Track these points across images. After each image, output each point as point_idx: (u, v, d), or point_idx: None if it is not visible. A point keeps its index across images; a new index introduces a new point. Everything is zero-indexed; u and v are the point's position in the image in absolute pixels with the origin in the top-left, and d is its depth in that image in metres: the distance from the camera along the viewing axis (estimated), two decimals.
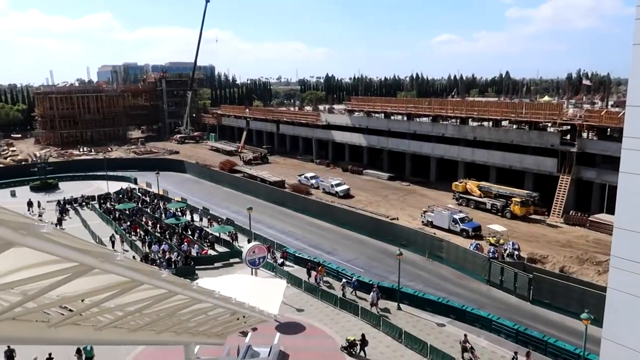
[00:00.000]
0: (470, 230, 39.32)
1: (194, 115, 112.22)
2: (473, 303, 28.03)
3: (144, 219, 45.39)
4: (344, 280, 30.04)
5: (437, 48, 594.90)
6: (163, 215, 47.30)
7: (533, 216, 44.28)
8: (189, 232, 41.86)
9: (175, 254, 35.72)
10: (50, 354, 20.54)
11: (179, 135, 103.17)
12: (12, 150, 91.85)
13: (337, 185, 55.46)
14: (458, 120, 58.93)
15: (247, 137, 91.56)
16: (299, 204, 50.00)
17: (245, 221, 41.44)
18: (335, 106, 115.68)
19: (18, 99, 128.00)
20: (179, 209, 48.84)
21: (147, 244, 39.19)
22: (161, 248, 37.12)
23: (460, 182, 50.23)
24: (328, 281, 31.57)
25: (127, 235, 41.63)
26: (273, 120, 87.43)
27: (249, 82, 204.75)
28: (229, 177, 64.30)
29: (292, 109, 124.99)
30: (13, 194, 57.69)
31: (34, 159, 79.18)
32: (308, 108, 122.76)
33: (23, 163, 76.60)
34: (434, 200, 49.33)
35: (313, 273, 31.59)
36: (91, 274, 4.36)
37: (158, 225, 43.63)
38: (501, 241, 36.31)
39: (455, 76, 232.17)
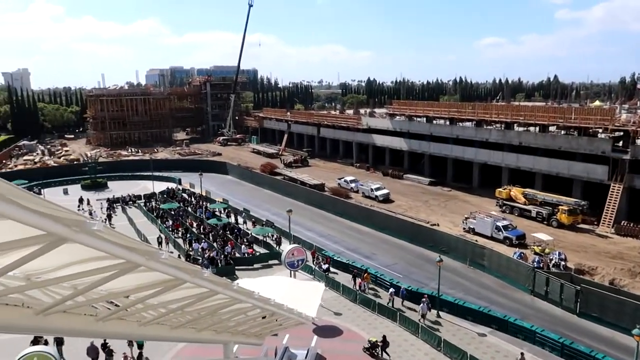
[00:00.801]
0: (514, 238, 38.20)
1: (237, 118, 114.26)
2: (516, 313, 27.21)
3: (188, 220, 46.37)
4: (391, 289, 29.03)
5: (483, 51, 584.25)
6: (203, 215, 48.28)
7: (581, 225, 42.59)
8: (227, 231, 42.57)
9: (215, 252, 36.45)
10: (105, 340, 21.46)
11: (221, 138, 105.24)
12: (66, 150, 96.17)
13: (377, 189, 55.11)
14: (503, 125, 57.47)
15: (288, 140, 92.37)
16: (338, 207, 49.98)
17: (285, 223, 41.76)
18: (377, 110, 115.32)
19: (72, 101, 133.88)
20: (222, 210, 49.69)
21: (187, 241, 40.24)
22: (200, 246, 38.07)
23: (504, 189, 48.89)
24: (374, 288, 31.00)
25: (171, 233, 42.81)
26: (314, 123, 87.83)
27: (290, 85, 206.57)
28: (270, 180, 65.02)
29: (333, 112, 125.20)
30: (65, 192, 60.40)
31: (85, 158, 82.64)
32: (349, 111, 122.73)
33: (75, 162, 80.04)
34: (477, 207, 48.22)
35: (358, 280, 31.01)
36: (137, 271, 4.49)
37: (202, 227, 44.56)
38: (547, 250, 35.10)
39: (500, 80, 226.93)
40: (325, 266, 33.45)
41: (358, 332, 25.69)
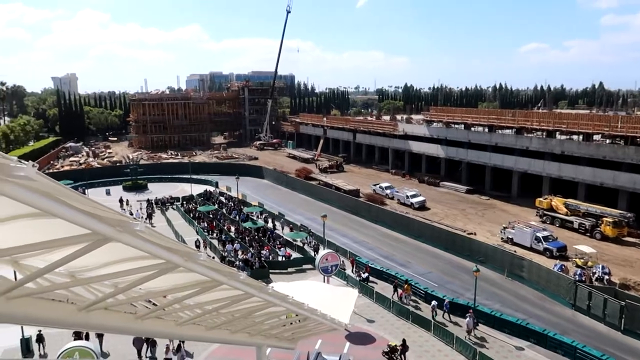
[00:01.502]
0: (554, 249, 36.98)
1: (274, 122, 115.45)
2: (555, 327, 26.31)
3: (226, 225, 46.91)
4: (434, 302, 28.06)
5: (524, 57, 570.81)
6: (237, 217, 48.83)
7: (627, 238, 40.83)
8: (260, 234, 42.93)
9: (250, 254, 36.80)
10: None
11: (258, 142, 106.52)
12: (109, 152, 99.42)
13: (413, 196, 54.47)
14: (544, 133, 55.89)
15: (323, 145, 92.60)
16: (372, 213, 49.67)
17: (319, 228, 41.79)
18: (414, 116, 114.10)
19: (116, 105, 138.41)
20: (259, 214, 50.07)
21: (221, 242, 40.83)
22: (233, 247, 38.56)
23: (544, 199, 47.47)
24: (416, 300, 30.20)
25: (206, 234, 43.54)
26: (350, 129, 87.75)
27: (327, 91, 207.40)
28: (305, 184, 65.27)
29: (369, 118, 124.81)
30: (108, 193, 62.41)
31: (127, 160, 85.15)
32: (385, 117, 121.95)
33: (117, 164, 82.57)
34: (515, 217, 46.98)
35: (399, 291, 30.31)
36: (175, 272, 4.58)
37: (238, 230, 45.08)
38: (589, 263, 33.81)
39: (542, 86, 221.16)
40: (364, 275, 33.07)
41: (391, 340, 25.36)
